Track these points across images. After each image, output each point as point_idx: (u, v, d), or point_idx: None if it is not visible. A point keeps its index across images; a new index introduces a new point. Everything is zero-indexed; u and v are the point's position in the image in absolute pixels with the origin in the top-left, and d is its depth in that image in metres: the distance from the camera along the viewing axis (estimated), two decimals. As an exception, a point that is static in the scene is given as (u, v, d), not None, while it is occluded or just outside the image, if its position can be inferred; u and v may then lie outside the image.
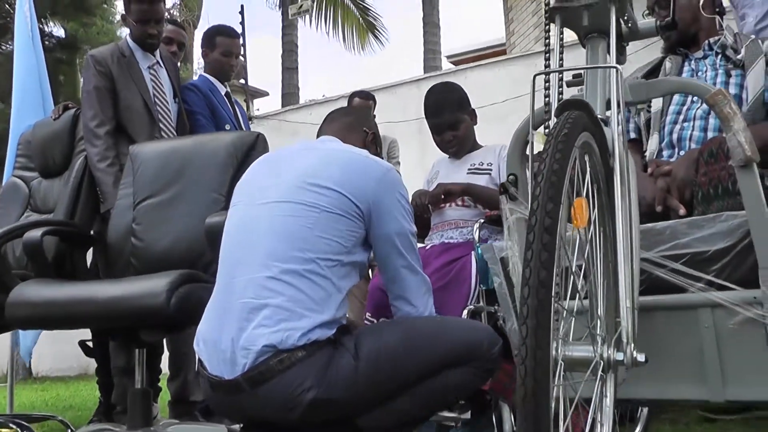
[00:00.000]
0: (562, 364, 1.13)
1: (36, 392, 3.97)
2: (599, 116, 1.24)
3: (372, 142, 2.16)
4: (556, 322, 1.06)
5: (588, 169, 1.15)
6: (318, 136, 2.15)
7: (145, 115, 3.16)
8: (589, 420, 1.25)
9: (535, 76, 1.25)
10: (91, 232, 3.01)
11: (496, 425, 2.24)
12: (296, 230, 1.79)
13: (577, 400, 1.18)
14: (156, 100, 3.22)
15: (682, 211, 1.70)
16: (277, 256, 1.77)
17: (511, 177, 1.52)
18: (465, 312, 2.36)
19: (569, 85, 1.48)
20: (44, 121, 3.32)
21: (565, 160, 1.01)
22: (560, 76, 1.28)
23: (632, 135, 2.21)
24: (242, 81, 8.86)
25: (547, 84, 1.22)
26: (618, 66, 1.24)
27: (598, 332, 1.23)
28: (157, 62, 3.30)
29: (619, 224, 1.15)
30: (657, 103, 2.14)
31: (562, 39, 1.32)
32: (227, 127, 3.51)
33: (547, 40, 1.24)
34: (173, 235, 2.71)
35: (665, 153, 2.05)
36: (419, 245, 2.90)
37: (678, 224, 1.48)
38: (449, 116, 2.71)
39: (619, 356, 1.21)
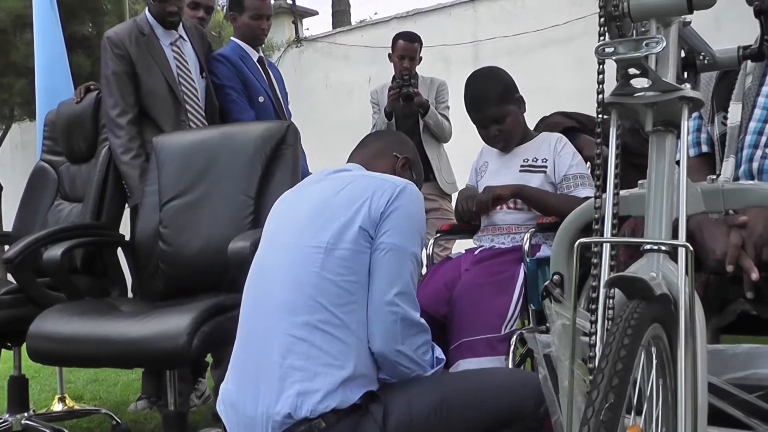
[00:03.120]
0: None
1: (73, 372, 3.98)
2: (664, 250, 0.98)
3: (404, 168, 1.92)
4: None
5: (654, 362, 0.91)
6: (348, 160, 1.93)
7: (169, 98, 2.95)
8: None
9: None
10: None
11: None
12: (304, 276, 1.60)
13: None
14: (181, 80, 3.00)
15: (755, 275, 1.43)
16: (289, 308, 1.60)
17: (556, 277, 1.28)
18: (514, 339, 2.16)
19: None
20: (68, 102, 3.14)
21: (625, 384, 0.78)
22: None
23: (703, 148, 1.91)
24: (289, 0, 8.47)
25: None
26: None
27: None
28: (180, 37, 3.05)
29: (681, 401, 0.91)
30: (735, 114, 1.81)
31: (618, 141, 1.05)
32: (261, 99, 3.27)
33: (599, 142, 0.98)
34: (201, 241, 2.56)
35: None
36: (467, 240, 2.71)
37: (757, 349, 1.21)
38: (493, 110, 2.41)
39: None
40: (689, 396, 0.93)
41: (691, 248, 0.90)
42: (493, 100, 2.40)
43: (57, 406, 3.30)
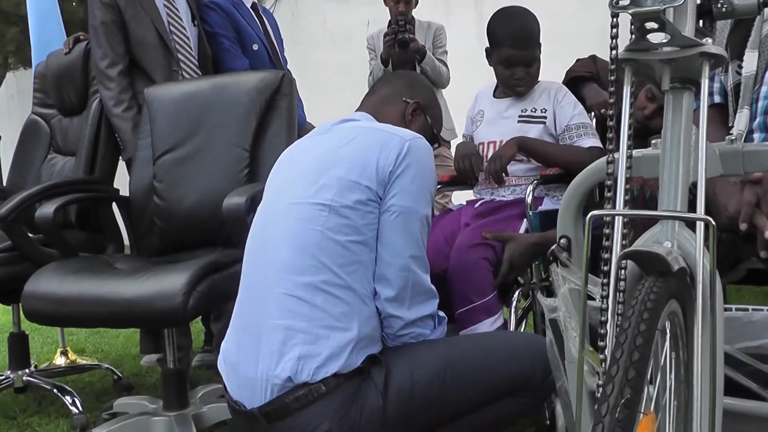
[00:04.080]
0: None
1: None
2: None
3: (415, 113, 1.82)
4: None
5: (668, 335, 0.86)
6: (357, 108, 1.85)
7: (160, 48, 2.84)
8: None
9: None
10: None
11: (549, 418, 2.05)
12: (307, 235, 1.55)
13: None
14: (171, 28, 2.89)
15: None
16: (292, 268, 1.55)
17: (563, 241, 1.22)
18: (517, 293, 2.12)
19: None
20: (57, 54, 3.04)
21: (642, 376, 0.73)
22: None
23: (716, 99, 1.83)
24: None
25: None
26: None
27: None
28: (171, -19, 2.93)
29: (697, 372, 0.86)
30: (751, 63, 1.73)
31: (633, 99, 0.98)
32: (255, 46, 3.16)
33: (612, 101, 0.91)
34: (196, 196, 2.50)
35: (756, 136, 1.65)
36: (466, 191, 2.64)
37: (775, 315, 1.16)
38: (532, 51, 2.30)
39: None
40: (706, 370, 0.88)
41: (713, 222, 0.84)
42: (535, 40, 2.31)
43: (59, 360, 3.31)
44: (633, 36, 0.95)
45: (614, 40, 0.97)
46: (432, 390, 1.56)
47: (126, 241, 2.71)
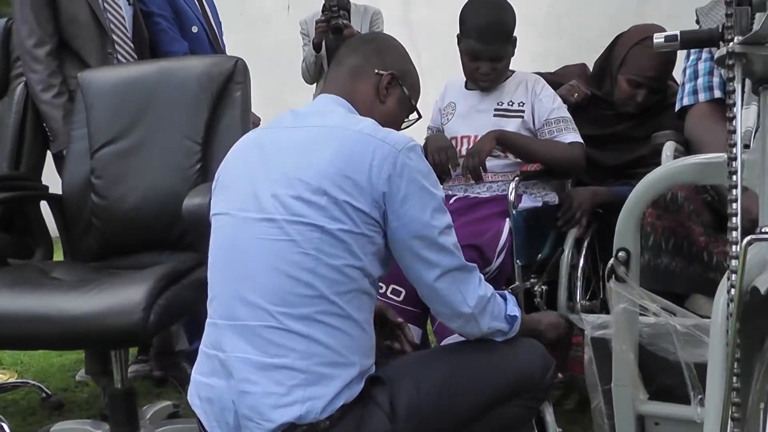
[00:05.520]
0: None
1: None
2: None
3: (390, 86, 1.58)
4: None
5: None
6: (324, 85, 1.64)
7: (93, 27, 2.56)
8: None
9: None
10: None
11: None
12: (297, 260, 1.34)
13: None
14: (106, 5, 2.61)
15: None
16: (279, 298, 1.34)
17: (621, 254, 1.10)
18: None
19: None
20: (-30, 32, 2.71)
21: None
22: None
23: (716, 93, 1.75)
24: None
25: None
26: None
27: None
28: (105, -45, 2.65)
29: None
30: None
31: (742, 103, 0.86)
32: (194, 29, 2.92)
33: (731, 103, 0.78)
34: (141, 193, 2.27)
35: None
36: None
37: None
38: (500, 47, 2.16)
39: None
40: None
41: None
42: (505, 35, 2.17)
43: (-25, 375, 3.00)
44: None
45: (727, 31, 0.84)
46: (441, 401, 1.44)
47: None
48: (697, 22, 1.92)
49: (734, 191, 0.86)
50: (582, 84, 2.45)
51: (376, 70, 1.57)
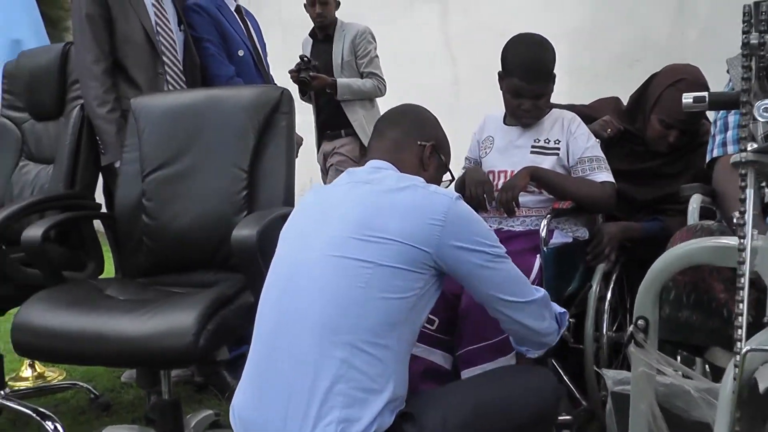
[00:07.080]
0: None
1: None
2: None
3: (432, 154, 1.78)
4: None
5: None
6: (367, 155, 1.79)
7: (146, 48, 2.69)
8: None
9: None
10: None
11: None
12: (348, 292, 1.48)
13: None
14: (159, 29, 2.74)
15: None
16: (329, 327, 1.47)
17: (640, 322, 1.19)
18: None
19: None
20: (31, 54, 2.86)
21: None
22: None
23: (730, 149, 1.81)
24: None
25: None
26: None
27: None
28: (159, -18, 2.78)
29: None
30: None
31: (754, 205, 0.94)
32: (240, 52, 3.04)
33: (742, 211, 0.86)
34: (190, 216, 2.38)
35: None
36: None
37: None
38: (543, 85, 2.24)
39: None
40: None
41: None
42: (547, 73, 2.25)
43: (27, 372, 3.17)
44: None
45: (745, 142, 0.92)
46: None
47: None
48: (728, 71, 1.98)
49: (742, 279, 0.94)
50: (615, 119, 2.52)
51: (419, 141, 1.76)
